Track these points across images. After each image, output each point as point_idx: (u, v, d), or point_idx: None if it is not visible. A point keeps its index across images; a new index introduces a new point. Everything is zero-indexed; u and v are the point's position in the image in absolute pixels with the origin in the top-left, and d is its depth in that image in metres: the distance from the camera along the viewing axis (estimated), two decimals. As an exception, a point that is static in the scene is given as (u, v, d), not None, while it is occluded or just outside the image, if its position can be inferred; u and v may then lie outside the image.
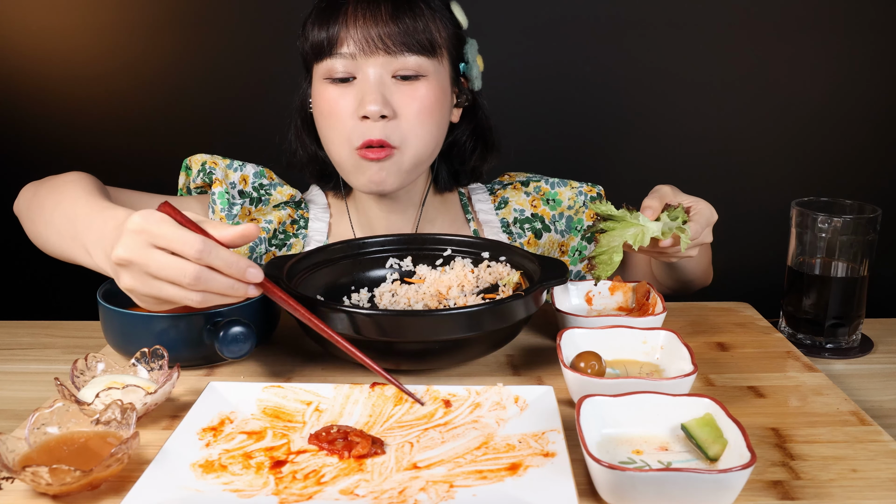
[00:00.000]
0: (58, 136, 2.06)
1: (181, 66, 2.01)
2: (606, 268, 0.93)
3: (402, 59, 1.07)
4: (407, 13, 1.06)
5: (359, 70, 1.07)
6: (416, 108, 1.08)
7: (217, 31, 2.00)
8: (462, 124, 1.22)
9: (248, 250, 1.18)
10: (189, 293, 0.76)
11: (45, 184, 1.06)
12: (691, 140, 2.02)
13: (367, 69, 1.07)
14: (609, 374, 0.84)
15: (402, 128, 1.09)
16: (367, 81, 1.07)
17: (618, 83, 1.99)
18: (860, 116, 1.99)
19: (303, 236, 1.23)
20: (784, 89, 1.98)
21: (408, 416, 0.78)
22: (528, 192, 1.29)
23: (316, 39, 1.08)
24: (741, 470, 0.61)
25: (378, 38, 1.05)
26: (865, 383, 0.96)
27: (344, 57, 1.07)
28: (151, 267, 0.75)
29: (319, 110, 1.13)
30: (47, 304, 2.09)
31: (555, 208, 1.28)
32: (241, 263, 0.77)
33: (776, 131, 2.01)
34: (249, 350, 0.85)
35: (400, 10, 1.06)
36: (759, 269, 1.79)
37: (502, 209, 1.28)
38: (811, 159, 2.02)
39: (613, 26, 1.95)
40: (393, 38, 1.05)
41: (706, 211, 0.99)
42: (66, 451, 0.70)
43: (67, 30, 1.98)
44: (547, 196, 1.28)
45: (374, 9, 1.05)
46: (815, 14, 1.93)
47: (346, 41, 1.06)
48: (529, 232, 1.27)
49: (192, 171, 1.22)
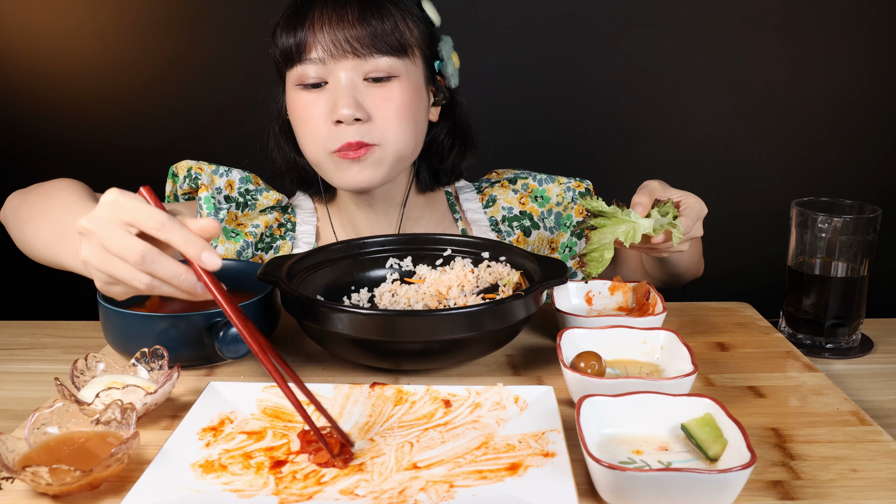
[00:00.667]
0: (57, 136, 2.06)
1: (180, 67, 2.01)
2: (597, 265, 0.94)
3: (373, 60, 1.06)
4: (374, 14, 1.06)
5: (329, 74, 1.07)
6: (390, 110, 1.08)
7: (217, 31, 2.00)
8: (440, 122, 1.22)
9: (236, 255, 1.19)
10: (137, 273, 0.73)
11: (32, 191, 1.06)
12: (691, 140, 2.02)
13: (337, 73, 1.07)
14: (609, 374, 0.84)
15: (378, 129, 1.08)
16: (339, 85, 1.07)
17: (616, 82, 1.99)
18: (860, 116, 1.99)
19: (290, 238, 1.23)
20: (784, 89, 1.98)
21: (408, 416, 0.78)
22: (516, 189, 1.28)
23: (285, 46, 1.08)
24: (741, 470, 0.61)
25: (346, 41, 1.04)
26: (865, 383, 0.96)
27: (314, 62, 1.06)
28: (107, 240, 0.73)
29: (294, 117, 1.13)
30: (47, 304, 2.09)
31: (543, 205, 1.27)
32: (198, 242, 0.73)
33: (776, 131, 2.01)
34: (249, 350, 0.85)
35: (367, 11, 1.05)
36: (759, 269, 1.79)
37: (490, 207, 1.28)
38: (811, 159, 2.02)
39: (611, 25, 1.95)
40: (361, 40, 1.05)
41: (696, 205, 0.99)
42: (66, 451, 0.70)
43: (67, 30, 1.98)
44: (535, 193, 1.28)
45: (340, 12, 1.05)
46: (815, 14, 1.93)
47: (314, 46, 1.06)
48: (518, 230, 1.26)
49: (178, 177, 1.22)
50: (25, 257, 1.05)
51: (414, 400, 0.81)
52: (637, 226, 0.92)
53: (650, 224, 0.92)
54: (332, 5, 1.06)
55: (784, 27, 1.94)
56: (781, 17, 1.94)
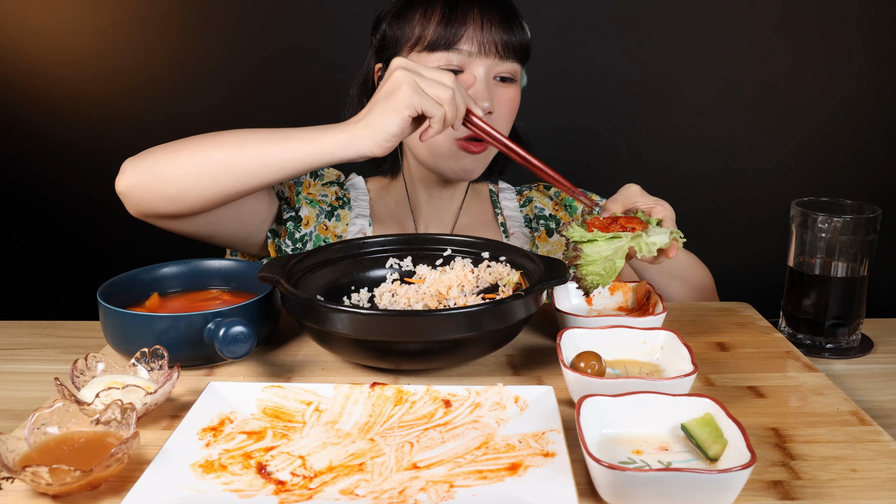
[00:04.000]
0: (57, 136, 2.06)
1: (180, 67, 2.01)
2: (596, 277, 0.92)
3: (506, 63, 1.18)
4: (515, 23, 1.18)
5: (469, 67, 1.16)
6: (508, 109, 1.20)
7: (217, 31, 2.00)
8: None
9: (315, 219, 1.26)
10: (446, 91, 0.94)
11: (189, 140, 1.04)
12: (691, 140, 2.02)
13: (477, 68, 1.16)
14: (609, 374, 0.84)
15: (495, 124, 1.18)
16: (478, 79, 1.16)
17: (616, 83, 1.99)
18: (860, 116, 1.99)
19: (349, 207, 1.30)
20: (784, 89, 1.98)
21: (408, 416, 0.78)
22: (551, 195, 1.40)
23: (440, 34, 1.15)
24: (741, 470, 0.61)
25: (492, 42, 1.15)
26: (865, 383, 0.96)
27: (461, 53, 1.15)
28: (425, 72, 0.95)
29: None
30: (47, 304, 2.09)
31: (572, 214, 1.37)
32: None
33: (776, 131, 2.01)
34: (249, 350, 0.85)
35: (511, 18, 1.18)
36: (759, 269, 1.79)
37: (526, 207, 1.39)
38: (811, 159, 2.02)
39: (612, 26, 1.95)
40: (504, 44, 1.16)
41: (670, 213, 0.99)
42: (66, 451, 0.70)
43: (67, 30, 1.98)
44: (566, 201, 1.38)
45: (491, 16, 1.16)
46: (815, 14, 1.93)
47: (468, 40, 1.15)
48: (543, 228, 1.36)
49: None
50: (25, 257, 1.05)
51: (414, 400, 0.81)
52: (647, 242, 0.92)
53: (666, 238, 0.92)
54: (489, 9, 1.16)
55: (784, 27, 1.94)
56: (781, 18, 1.94)
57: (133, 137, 2.02)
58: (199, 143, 1.03)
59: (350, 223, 1.29)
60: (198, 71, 2.01)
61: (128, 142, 2.03)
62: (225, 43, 1.99)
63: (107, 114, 2.03)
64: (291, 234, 1.24)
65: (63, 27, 1.96)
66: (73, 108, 2.02)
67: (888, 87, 1.97)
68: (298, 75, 2.03)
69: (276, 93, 2.06)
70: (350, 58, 2.00)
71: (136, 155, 1.07)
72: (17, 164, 2.07)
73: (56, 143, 2.04)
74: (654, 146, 2.02)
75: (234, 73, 2.02)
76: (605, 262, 0.92)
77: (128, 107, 2.03)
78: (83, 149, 2.04)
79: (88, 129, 2.04)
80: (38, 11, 1.95)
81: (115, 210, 1.97)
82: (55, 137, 2.04)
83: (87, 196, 2.04)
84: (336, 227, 1.28)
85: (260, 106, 2.05)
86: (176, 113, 2.01)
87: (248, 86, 2.04)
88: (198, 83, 2.02)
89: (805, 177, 2.03)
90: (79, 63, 2.00)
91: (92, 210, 2.04)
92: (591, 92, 1.98)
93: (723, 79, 1.97)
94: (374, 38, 1.26)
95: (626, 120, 2.02)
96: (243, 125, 0.99)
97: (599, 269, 0.92)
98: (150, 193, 1.04)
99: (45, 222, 2.08)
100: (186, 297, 1.02)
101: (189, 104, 2.02)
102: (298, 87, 2.03)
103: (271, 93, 2.06)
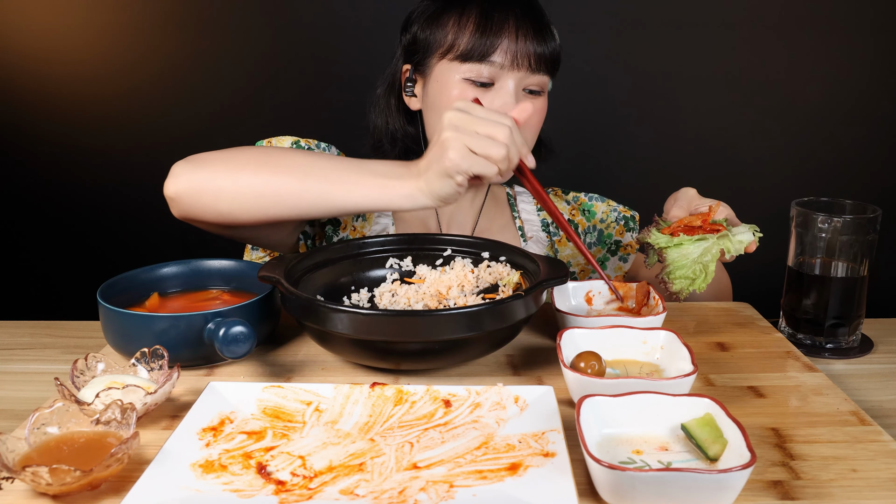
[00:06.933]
0: (57, 136, 2.06)
1: (180, 67, 2.01)
2: (688, 281, 0.94)
3: (536, 76, 1.16)
4: (549, 36, 1.17)
5: (500, 78, 1.15)
6: (535, 121, 1.19)
7: (217, 31, 2.00)
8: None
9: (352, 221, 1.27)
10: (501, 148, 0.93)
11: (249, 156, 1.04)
12: (691, 140, 2.02)
13: (508, 80, 1.15)
14: (609, 374, 0.84)
15: (521, 134, 1.14)
16: (508, 91, 1.15)
17: (616, 83, 1.99)
18: (860, 116, 1.99)
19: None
20: (784, 89, 1.98)
21: (408, 416, 0.78)
22: (568, 200, 1.40)
23: (473, 44, 1.14)
24: (741, 470, 0.61)
25: (525, 55, 1.14)
26: (865, 383, 0.96)
27: (492, 65, 1.14)
28: (474, 123, 0.94)
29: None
30: (47, 304, 2.09)
31: (589, 219, 1.37)
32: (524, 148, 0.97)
33: (776, 131, 2.01)
34: (249, 350, 0.85)
35: (544, 32, 1.16)
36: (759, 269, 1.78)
37: (543, 211, 1.38)
38: (811, 159, 2.02)
39: (611, 26, 1.95)
40: (536, 57, 1.15)
41: (731, 210, 1.03)
42: (66, 451, 0.70)
43: (67, 30, 1.98)
44: (584, 206, 1.38)
45: (526, 28, 1.15)
46: (814, 14, 1.93)
47: (501, 52, 1.14)
48: (562, 232, 1.35)
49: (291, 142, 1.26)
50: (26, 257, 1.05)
51: (414, 400, 0.81)
52: (733, 240, 0.95)
53: (750, 235, 0.95)
54: (524, 22, 1.15)
55: (784, 27, 1.94)
56: (781, 18, 1.94)
57: (133, 137, 2.03)
58: (260, 164, 1.02)
59: (374, 223, 1.29)
60: (198, 71, 2.01)
61: (128, 142, 2.04)
62: (225, 43, 1.99)
63: (107, 114, 2.03)
64: (329, 237, 1.25)
65: (63, 27, 1.96)
66: (73, 108, 2.02)
67: (888, 87, 1.97)
68: (299, 74, 2.03)
69: (276, 93, 2.06)
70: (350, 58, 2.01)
71: (189, 160, 1.05)
72: (17, 163, 2.07)
73: (56, 143, 2.04)
74: (654, 146, 2.02)
75: (235, 72, 2.02)
76: (693, 266, 0.93)
77: (128, 107, 2.03)
78: (83, 149, 2.04)
79: (89, 129, 2.04)
80: (38, 11, 1.95)
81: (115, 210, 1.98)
82: (55, 137, 2.04)
83: (88, 196, 2.04)
84: (363, 227, 1.28)
85: (260, 106, 2.05)
86: (176, 113, 2.02)
87: (248, 86, 2.04)
88: (198, 83, 2.02)
89: (805, 177, 2.03)
90: (79, 63, 2.00)
91: (92, 210, 2.04)
92: (591, 92, 1.98)
93: (723, 79, 1.97)
94: (403, 37, 1.24)
95: (626, 120, 2.02)
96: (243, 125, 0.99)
97: (688, 272, 0.93)
98: (202, 204, 1.03)
99: (45, 222, 2.08)
100: (186, 297, 1.02)
101: (189, 104, 2.02)
102: (299, 87, 2.03)
103: (272, 93, 2.06)
